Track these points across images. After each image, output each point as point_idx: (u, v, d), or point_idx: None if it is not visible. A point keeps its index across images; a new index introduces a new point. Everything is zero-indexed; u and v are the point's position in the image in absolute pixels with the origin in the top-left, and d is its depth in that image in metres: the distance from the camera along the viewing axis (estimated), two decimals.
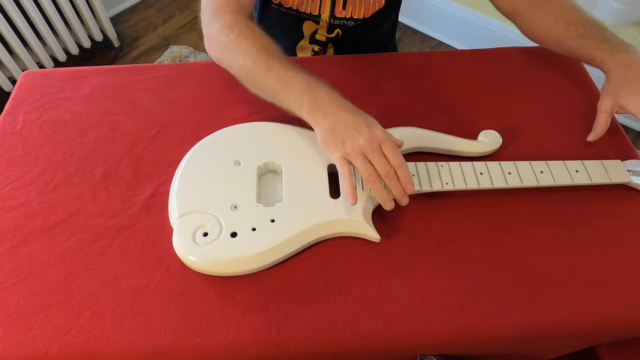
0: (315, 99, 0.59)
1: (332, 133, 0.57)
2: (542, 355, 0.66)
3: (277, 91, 0.62)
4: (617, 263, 0.59)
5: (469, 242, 0.61)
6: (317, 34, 0.86)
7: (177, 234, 0.58)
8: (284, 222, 0.58)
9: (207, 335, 0.53)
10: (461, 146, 0.68)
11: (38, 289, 0.56)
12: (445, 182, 0.62)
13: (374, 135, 0.56)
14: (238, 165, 0.64)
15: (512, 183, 0.63)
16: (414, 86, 0.80)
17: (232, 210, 0.59)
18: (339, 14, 0.81)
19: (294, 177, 0.63)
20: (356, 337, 0.53)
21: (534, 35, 0.77)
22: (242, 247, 0.56)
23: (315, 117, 0.59)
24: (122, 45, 1.97)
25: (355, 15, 0.81)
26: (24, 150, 0.70)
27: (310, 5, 0.80)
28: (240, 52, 0.64)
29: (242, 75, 0.66)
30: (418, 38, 2.04)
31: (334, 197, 0.61)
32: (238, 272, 0.57)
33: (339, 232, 0.60)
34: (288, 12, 0.83)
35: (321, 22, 0.84)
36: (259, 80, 0.63)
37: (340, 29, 0.84)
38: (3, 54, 1.56)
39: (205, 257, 0.56)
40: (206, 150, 0.66)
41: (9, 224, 0.62)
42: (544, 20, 0.72)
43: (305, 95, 0.59)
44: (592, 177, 0.64)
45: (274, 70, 0.61)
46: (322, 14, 0.81)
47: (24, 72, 0.81)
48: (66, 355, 0.52)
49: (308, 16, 0.83)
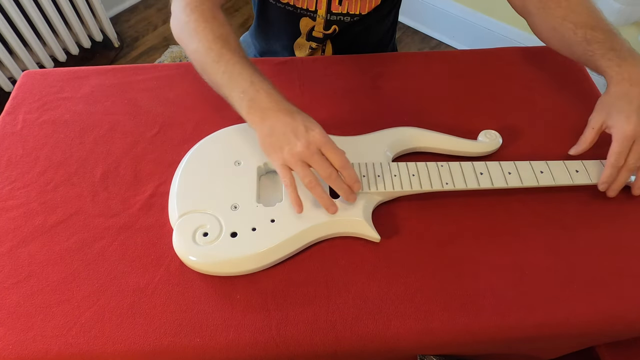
0: (255, 100, 0.58)
1: (271, 139, 0.57)
2: (542, 355, 0.66)
3: (222, 84, 0.61)
4: (617, 263, 0.59)
5: (469, 242, 0.61)
6: (314, 31, 0.86)
7: (177, 234, 0.58)
8: (284, 222, 0.58)
9: (207, 335, 0.53)
10: (461, 146, 0.68)
11: (38, 289, 0.56)
12: (445, 182, 0.62)
13: (312, 139, 0.55)
14: (238, 165, 0.64)
15: (512, 183, 0.63)
16: (414, 86, 0.80)
17: (232, 210, 0.59)
18: (335, 9, 0.81)
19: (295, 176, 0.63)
20: (356, 337, 0.53)
21: (543, 37, 0.73)
22: (242, 247, 0.56)
23: (253, 119, 0.58)
24: (122, 45, 1.97)
25: (352, 10, 0.81)
26: (24, 150, 0.70)
27: (307, 1, 0.80)
28: (196, 35, 0.63)
29: (194, 60, 0.64)
30: (418, 38, 2.04)
31: (334, 197, 0.61)
32: (238, 272, 0.57)
33: (339, 232, 0.60)
34: (285, 8, 0.83)
35: (318, 18, 0.84)
36: (208, 69, 0.62)
37: (337, 25, 0.84)
38: (3, 54, 1.56)
39: (206, 257, 0.56)
40: (206, 150, 0.66)
41: (9, 224, 0.62)
42: (552, 22, 0.68)
43: (246, 94, 0.58)
44: (592, 177, 0.64)
45: (223, 61, 0.60)
46: (319, 9, 0.81)
47: (24, 72, 0.81)
48: (66, 355, 0.52)
49: (305, 12, 0.83)
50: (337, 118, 0.75)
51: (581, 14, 0.64)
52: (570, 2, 0.65)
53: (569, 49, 0.67)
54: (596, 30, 0.63)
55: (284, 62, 0.84)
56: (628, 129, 0.58)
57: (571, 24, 0.64)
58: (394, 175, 0.62)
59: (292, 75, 0.81)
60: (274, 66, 0.83)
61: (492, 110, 0.76)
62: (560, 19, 0.65)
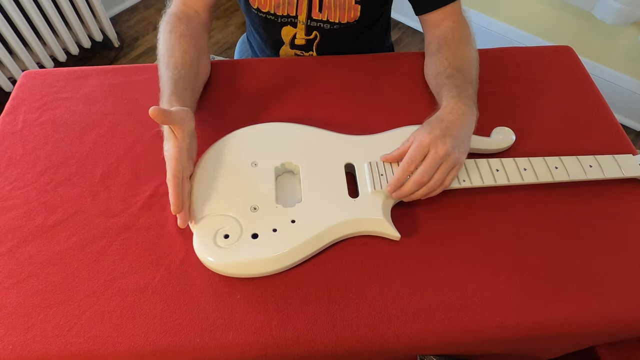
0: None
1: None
2: (542, 355, 0.66)
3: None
4: (617, 263, 0.60)
5: (469, 242, 0.61)
6: (297, 38, 0.87)
7: (198, 237, 0.58)
8: (304, 222, 0.58)
9: (207, 335, 0.53)
10: (476, 143, 0.68)
11: (38, 289, 0.56)
12: (462, 179, 0.63)
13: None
14: (255, 166, 0.64)
15: (528, 179, 0.63)
16: (414, 86, 0.80)
17: (251, 211, 0.59)
18: (315, 15, 0.82)
19: (312, 177, 0.63)
20: (356, 337, 0.53)
21: (427, 69, 0.79)
22: (264, 248, 0.56)
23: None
24: (122, 45, 1.97)
25: (331, 18, 0.82)
26: (24, 150, 0.70)
27: (287, 7, 0.80)
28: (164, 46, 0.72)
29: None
30: (418, 38, 2.04)
31: (353, 197, 0.61)
32: (261, 274, 0.56)
33: (360, 231, 0.60)
34: (266, 17, 0.83)
35: (299, 24, 0.84)
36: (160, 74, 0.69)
37: (318, 32, 0.85)
38: (3, 54, 1.56)
39: (227, 258, 0.55)
40: (221, 152, 0.66)
41: (9, 224, 0.62)
42: (437, 59, 0.75)
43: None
44: (605, 171, 0.64)
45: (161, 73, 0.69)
46: (299, 14, 0.82)
47: (24, 72, 0.81)
48: (66, 355, 0.52)
49: (285, 19, 0.83)
50: (337, 118, 0.75)
51: (460, 60, 0.72)
52: (458, 51, 0.73)
53: (434, 78, 0.74)
54: (460, 73, 0.70)
55: (283, 62, 0.84)
56: (425, 138, 0.60)
57: (447, 62, 0.72)
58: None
59: (292, 75, 0.81)
60: (274, 66, 0.83)
61: (492, 110, 0.76)
62: (443, 58, 0.73)
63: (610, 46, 1.58)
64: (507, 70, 0.83)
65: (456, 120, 0.62)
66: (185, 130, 0.59)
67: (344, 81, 0.81)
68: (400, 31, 2.07)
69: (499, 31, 1.82)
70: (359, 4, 0.80)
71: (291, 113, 0.75)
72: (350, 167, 0.65)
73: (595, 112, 0.77)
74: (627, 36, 1.52)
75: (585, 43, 1.64)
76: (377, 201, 0.60)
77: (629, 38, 1.52)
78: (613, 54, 1.59)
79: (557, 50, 0.88)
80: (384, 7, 0.89)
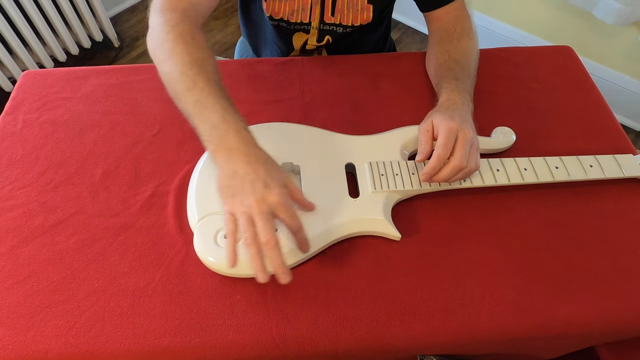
0: (223, 137, 0.55)
1: (229, 183, 0.54)
2: (542, 355, 0.66)
3: (193, 114, 0.57)
4: (617, 263, 0.59)
5: (468, 242, 0.61)
6: (308, 44, 0.87)
7: (198, 236, 0.58)
8: (305, 222, 0.57)
9: (207, 335, 0.53)
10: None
11: (38, 289, 0.56)
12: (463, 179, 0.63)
13: (267, 197, 0.51)
14: None
15: (528, 179, 0.63)
16: (414, 86, 0.80)
17: None
18: (328, 20, 0.82)
19: (313, 177, 0.63)
20: (356, 337, 0.53)
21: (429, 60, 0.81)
22: None
23: (218, 157, 0.55)
24: (122, 45, 1.97)
25: (344, 22, 0.82)
26: (24, 150, 0.70)
27: (301, 15, 0.80)
28: (171, 58, 0.60)
29: (167, 83, 0.61)
30: (418, 38, 2.04)
31: (354, 197, 0.61)
32: None
33: (360, 231, 0.60)
34: (279, 24, 0.83)
35: (311, 30, 0.84)
36: (180, 96, 0.58)
37: (330, 36, 0.85)
38: (3, 54, 1.56)
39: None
40: None
41: (9, 224, 0.62)
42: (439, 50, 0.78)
43: (215, 130, 0.55)
44: (606, 171, 0.64)
45: (197, 89, 0.57)
46: (313, 21, 0.82)
47: (24, 72, 0.81)
48: (66, 355, 0.52)
49: (298, 26, 0.83)
50: (337, 118, 0.75)
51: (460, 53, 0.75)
52: (460, 44, 0.76)
53: (435, 69, 0.77)
54: (459, 66, 0.73)
55: (284, 62, 0.84)
56: (452, 124, 0.61)
57: (447, 54, 0.75)
58: (412, 174, 0.63)
59: (292, 75, 0.81)
60: (274, 66, 0.83)
61: (492, 110, 0.76)
62: (444, 50, 0.76)
63: (610, 46, 1.58)
64: (507, 70, 0.83)
65: (461, 108, 0.66)
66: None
67: (344, 81, 0.81)
68: (400, 31, 2.07)
69: (499, 31, 1.82)
70: (371, 3, 0.80)
71: (291, 113, 0.75)
72: (351, 167, 0.65)
73: (595, 112, 0.77)
74: (627, 36, 1.52)
75: (585, 43, 1.64)
76: (378, 201, 0.60)
77: (629, 38, 1.52)
78: (613, 54, 1.59)
79: (557, 50, 0.88)
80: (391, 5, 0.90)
